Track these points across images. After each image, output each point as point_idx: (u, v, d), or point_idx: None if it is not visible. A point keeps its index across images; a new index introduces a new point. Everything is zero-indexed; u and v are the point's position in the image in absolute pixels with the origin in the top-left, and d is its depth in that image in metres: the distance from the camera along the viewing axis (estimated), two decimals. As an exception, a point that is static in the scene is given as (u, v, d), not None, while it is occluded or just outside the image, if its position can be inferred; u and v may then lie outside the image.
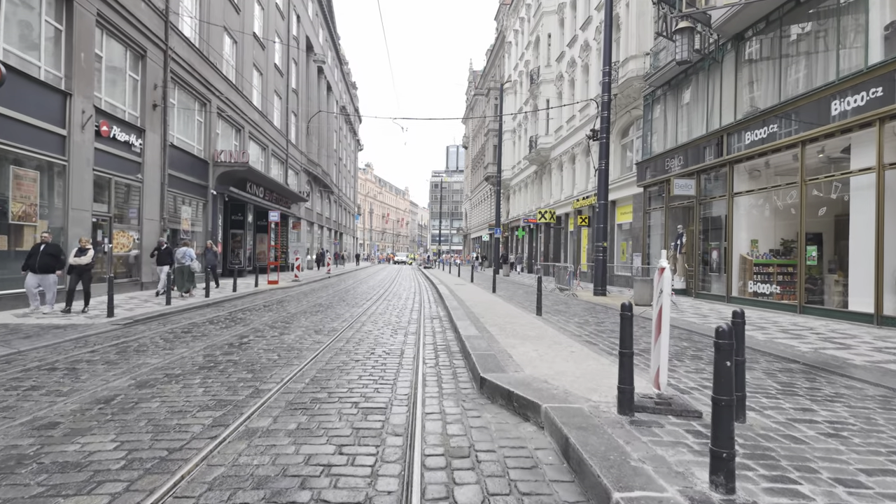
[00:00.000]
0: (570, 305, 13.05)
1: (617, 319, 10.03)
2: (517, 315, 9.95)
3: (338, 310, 11.72)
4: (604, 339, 7.49)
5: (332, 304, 13.13)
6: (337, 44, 51.62)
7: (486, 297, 14.30)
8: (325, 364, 5.90)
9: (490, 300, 13.45)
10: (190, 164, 18.18)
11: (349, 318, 10.26)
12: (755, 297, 12.57)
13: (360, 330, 8.60)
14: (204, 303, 12.53)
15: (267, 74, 27.19)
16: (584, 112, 24.77)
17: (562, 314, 10.84)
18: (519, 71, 39.73)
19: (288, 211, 30.16)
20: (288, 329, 8.63)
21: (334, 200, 50.97)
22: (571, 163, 27.40)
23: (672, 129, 16.69)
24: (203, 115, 19.47)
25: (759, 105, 12.69)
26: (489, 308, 11.26)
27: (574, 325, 8.98)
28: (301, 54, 35.54)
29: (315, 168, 38.91)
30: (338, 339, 7.59)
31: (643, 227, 18.29)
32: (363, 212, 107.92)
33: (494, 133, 48.67)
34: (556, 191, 29.84)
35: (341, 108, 55.25)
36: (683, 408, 3.73)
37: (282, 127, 30.72)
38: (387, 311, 11.53)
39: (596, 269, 16.00)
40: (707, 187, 14.85)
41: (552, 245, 29.89)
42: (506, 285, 20.88)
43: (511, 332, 7.67)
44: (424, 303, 13.74)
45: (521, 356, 5.75)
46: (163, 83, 15.84)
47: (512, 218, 41.95)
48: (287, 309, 11.81)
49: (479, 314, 9.91)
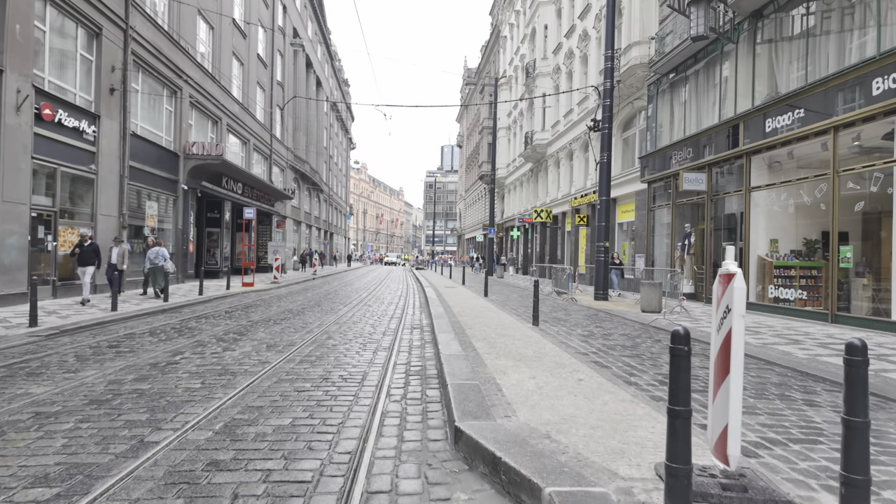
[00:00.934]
0: (570, 312, 11.70)
1: (627, 331, 8.68)
2: (510, 325, 8.59)
3: (308, 317, 10.32)
4: (616, 359, 6.13)
5: (304, 309, 11.73)
6: (327, 38, 50.17)
7: (476, 303, 12.94)
8: (255, 398, 4.51)
9: (480, 306, 12.09)
10: (157, 156, 16.71)
11: (317, 327, 8.86)
12: (776, 304, 11.27)
13: (323, 344, 7.21)
14: (159, 308, 11.10)
15: (248, 65, 25.74)
16: (582, 105, 23.47)
17: (561, 323, 9.48)
18: (514, 66, 38.46)
19: (271, 209, 28.72)
20: (237, 343, 7.23)
21: (324, 199, 49.48)
22: (569, 159, 26.09)
23: (680, 119, 15.40)
24: (173, 104, 18.01)
25: (780, 89, 11.40)
26: (479, 316, 9.89)
27: (577, 339, 7.62)
28: (287, 47, 34.09)
29: (303, 165, 37.45)
30: (290, 358, 6.20)
31: (647, 226, 16.99)
32: (356, 212, 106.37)
33: (489, 131, 47.37)
34: (552, 189, 28.54)
35: (332, 104, 53.80)
36: (768, 496, 2.36)
37: (265, 121, 29.25)
38: (363, 319, 10.14)
39: (597, 272, 14.68)
40: (719, 182, 13.55)
41: (548, 246, 28.59)
42: (499, 288, 19.53)
43: (502, 349, 6.30)
44: (408, 308, 12.36)
45: (514, 388, 4.38)
46: (122, 66, 14.39)
47: (506, 218, 40.64)
48: (250, 316, 10.40)
49: (466, 324, 8.54)
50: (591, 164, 22.49)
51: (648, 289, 11.61)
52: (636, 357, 6.30)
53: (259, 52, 27.73)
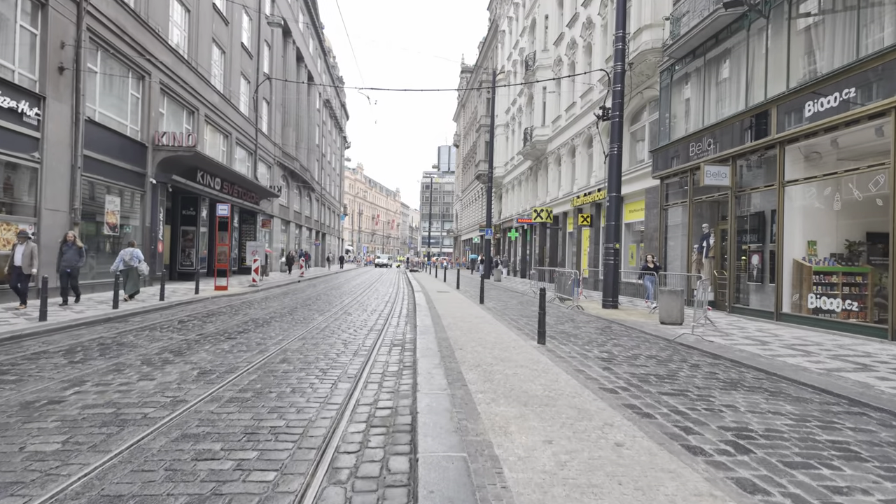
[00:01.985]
0: (579, 324, 10.16)
1: (652, 350, 7.14)
2: (511, 344, 7.05)
3: (272, 329, 8.75)
4: (655, 399, 4.57)
5: (272, 319, 10.15)
6: (320, 33, 48.61)
7: (470, 312, 11.39)
8: (125, 474, 2.94)
9: (475, 316, 10.54)
10: (120, 146, 15.12)
11: (276, 344, 7.30)
12: (816, 316, 9.76)
13: (272, 371, 5.65)
14: (104, 316, 9.51)
15: (231, 53, 24.15)
16: (586, 98, 21.98)
17: (572, 340, 7.94)
18: (513, 60, 36.99)
19: (256, 207, 27.12)
20: (164, 368, 5.66)
21: (316, 198, 47.86)
22: (571, 156, 24.59)
23: (697, 107, 13.91)
24: (141, 90, 16.42)
25: (821, 68, 9.91)
26: (473, 330, 8.35)
27: (596, 364, 6.08)
28: (276, 38, 32.54)
29: (292, 162, 35.84)
30: (217, 395, 4.63)
31: (659, 226, 15.48)
32: (351, 213, 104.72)
33: (486, 129, 45.90)
34: (552, 188, 27.03)
35: (325, 101, 52.23)
36: None
37: (250, 114, 27.67)
38: (336, 332, 8.58)
39: (606, 276, 13.15)
40: (745, 176, 12.06)
41: (548, 247, 27.07)
42: (496, 293, 17.99)
43: (502, 383, 4.75)
44: (393, 317, 10.80)
45: (522, 466, 2.84)
46: (75, 42, 12.80)
47: (504, 218, 39.12)
48: (204, 328, 8.82)
49: (456, 342, 7.00)
50: (596, 161, 21.00)
51: (668, 297, 10.08)
52: (681, 395, 4.76)
53: (243, 41, 26.16)
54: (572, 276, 13.40)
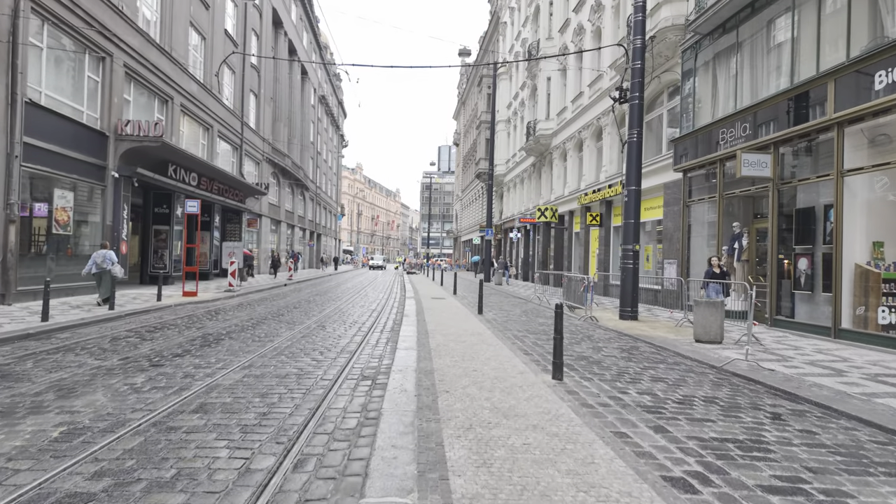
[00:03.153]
0: (598, 342, 8.41)
1: (705, 388, 5.36)
2: (517, 381, 5.30)
3: (214, 353, 7.01)
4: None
5: (226, 336, 8.41)
6: (315, 26, 46.87)
7: (466, 327, 9.64)
8: None
9: (471, 334, 8.79)
10: (73, 134, 13.39)
11: (205, 377, 5.55)
12: (886, 334, 7.99)
13: (168, 431, 3.89)
14: (22, 332, 7.78)
15: (212, 40, 22.42)
16: (594, 86, 20.23)
17: (595, 370, 6.19)
18: (515, 52, 35.25)
19: (240, 205, 25.36)
20: (18, 424, 3.92)
21: (310, 198, 46.10)
22: (577, 150, 22.84)
23: (729, 88, 12.15)
24: (101, 73, 14.69)
25: (890, 31, 8.16)
26: (466, 358, 6.60)
27: (642, 420, 4.30)
28: (266, 29, 30.83)
29: (283, 159, 34.09)
30: (39, 493, 2.89)
31: (681, 225, 13.71)
32: (350, 213, 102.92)
33: (487, 126, 44.16)
34: (557, 185, 25.27)
35: (320, 97, 50.52)
36: None
37: (235, 106, 25.95)
38: (295, 357, 6.83)
39: (623, 283, 11.39)
40: (791, 165, 10.29)
41: (552, 249, 25.30)
42: (497, 300, 16.24)
43: (507, 475, 3.01)
44: (374, 333, 9.04)
45: None
46: (11, 11, 11.09)
47: (505, 218, 37.35)
48: (136, 350, 7.08)
49: (443, 378, 5.25)
50: (606, 155, 19.25)
51: (706, 309, 8.32)
52: (796, 490, 3.01)
53: (227, 28, 24.44)
54: (584, 282, 11.63)
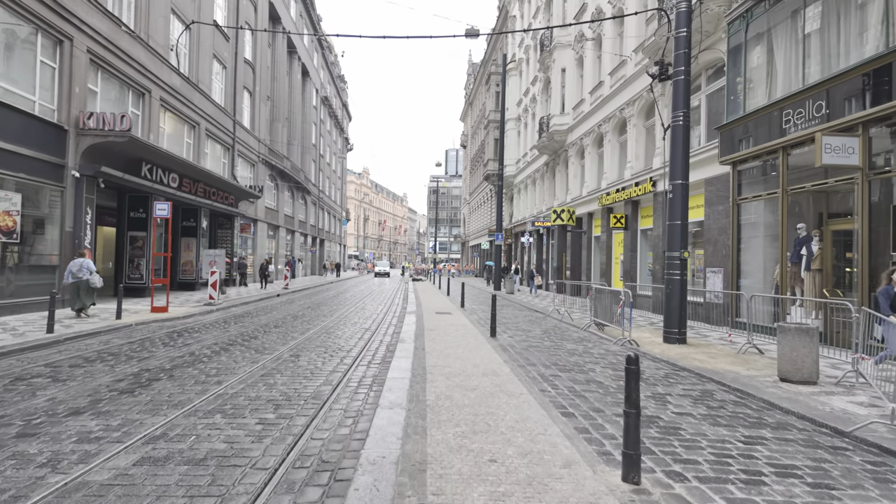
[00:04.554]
0: (654, 383, 6.34)
1: (876, 494, 3.26)
2: (565, 487, 3.26)
3: (139, 404, 5.05)
4: None
5: (175, 368, 6.45)
6: (317, 25, 45.23)
7: (476, 359, 7.60)
8: None
9: (483, 372, 6.76)
10: (21, 127, 11.58)
11: (84, 462, 3.59)
12: None
13: None
14: None
15: (199, 30, 20.67)
16: (617, 74, 18.19)
17: (673, 441, 4.13)
18: (525, 46, 33.26)
19: (232, 210, 23.52)
20: None
21: (312, 202, 44.32)
22: (597, 146, 20.79)
23: (791, 62, 10.06)
24: (58, 59, 12.91)
25: None
26: (477, 422, 4.58)
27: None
28: (262, 23, 29.13)
29: (282, 161, 32.30)
30: None
31: (730, 227, 11.60)
32: (357, 218, 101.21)
33: (495, 125, 42.24)
34: (574, 185, 23.20)
35: (323, 98, 48.83)
36: None
37: (226, 104, 24.18)
38: (235, 416, 4.85)
39: (669, 299, 9.31)
40: (884, 151, 8.20)
41: (569, 255, 23.20)
42: (511, 315, 14.19)
43: None
44: (356, 369, 7.02)
45: None
46: (-68, -22, 9.31)
47: (516, 221, 35.27)
48: (33, 398, 5.15)
49: (441, 489, 3.23)
50: (631, 149, 17.17)
51: (796, 339, 6.23)
52: None
53: (216, 19, 22.70)
54: (621, 298, 9.55)
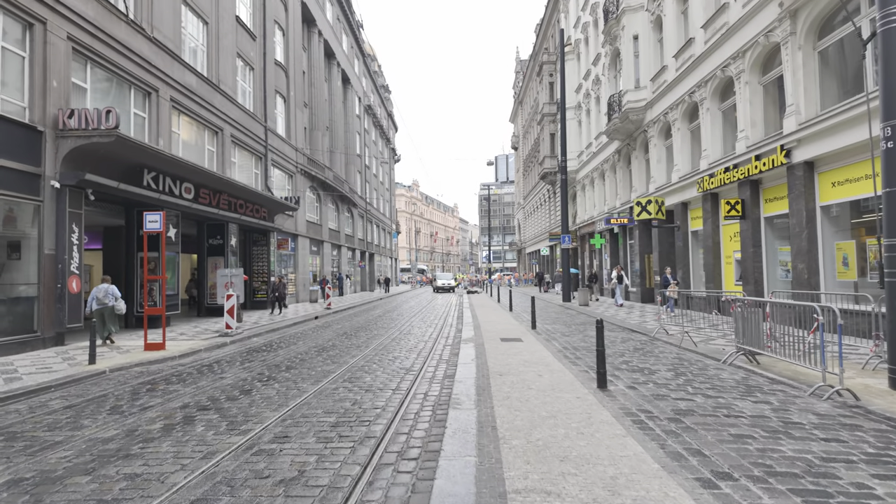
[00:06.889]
0: None
1: None
2: None
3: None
4: None
5: (97, 469, 3.44)
6: (357, 31, 43.30)
7: (597, 458, 4.13)
8: None
9: (627, 497, 3.27)
10: (-23, 126, 9.32)
11: None
12: None
13: None
14: None
15: (218, 27, 18.51)
16: (714, 23, 14.26)
17: None
18: (583, 23, 29.49)
19: (267, 224, 21.13)
20: None
21: (360, 214, 42.06)
22: (688, 119, 16.80)
23: None
24: (29, 47, 10.69)
25: None
26: None
27: None
28: (294, 23, 27.08)
29: (323, 171, 30.00)
30: None
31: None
32: (408, 231, 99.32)
33: (550, 118, 38.48)
34: (657, 172, 19.17)
35: (366, 107, 46.81)
36: None
37: (256, 109, 21.99)
38: None
39: (892, 315, 5.46)
40: None
41: (655, 255, 19.10)
42: (606, 339, 10.49)
43: None
44: (378, 475, 3.78)
45: None
46: None
47: (580, 222, 31.23)
48: None
49: None
50: (742, 116, 13.12)
51: None
52: None
53: (239, 14, 20.59)
54: (817, 316, 5.73)
